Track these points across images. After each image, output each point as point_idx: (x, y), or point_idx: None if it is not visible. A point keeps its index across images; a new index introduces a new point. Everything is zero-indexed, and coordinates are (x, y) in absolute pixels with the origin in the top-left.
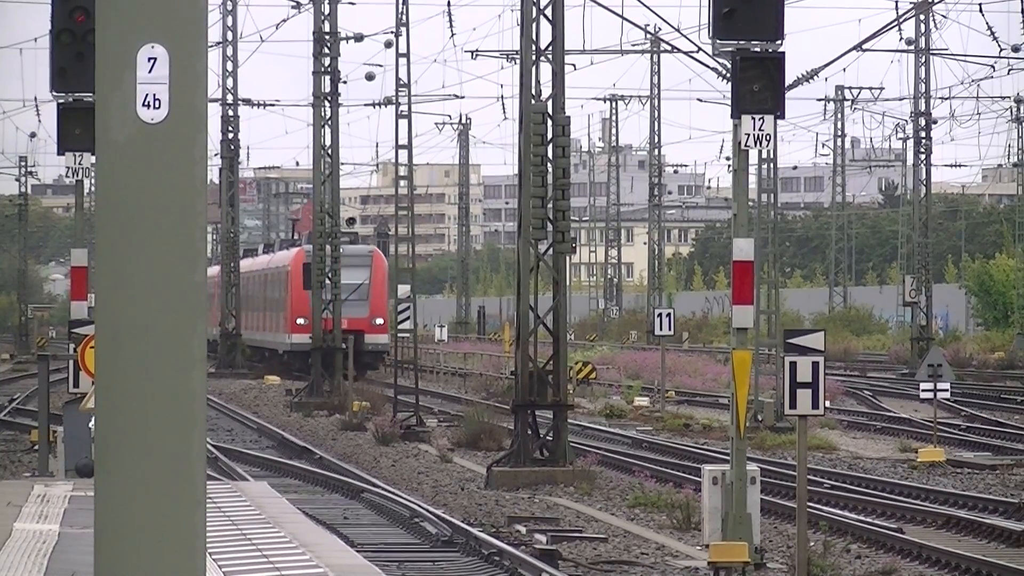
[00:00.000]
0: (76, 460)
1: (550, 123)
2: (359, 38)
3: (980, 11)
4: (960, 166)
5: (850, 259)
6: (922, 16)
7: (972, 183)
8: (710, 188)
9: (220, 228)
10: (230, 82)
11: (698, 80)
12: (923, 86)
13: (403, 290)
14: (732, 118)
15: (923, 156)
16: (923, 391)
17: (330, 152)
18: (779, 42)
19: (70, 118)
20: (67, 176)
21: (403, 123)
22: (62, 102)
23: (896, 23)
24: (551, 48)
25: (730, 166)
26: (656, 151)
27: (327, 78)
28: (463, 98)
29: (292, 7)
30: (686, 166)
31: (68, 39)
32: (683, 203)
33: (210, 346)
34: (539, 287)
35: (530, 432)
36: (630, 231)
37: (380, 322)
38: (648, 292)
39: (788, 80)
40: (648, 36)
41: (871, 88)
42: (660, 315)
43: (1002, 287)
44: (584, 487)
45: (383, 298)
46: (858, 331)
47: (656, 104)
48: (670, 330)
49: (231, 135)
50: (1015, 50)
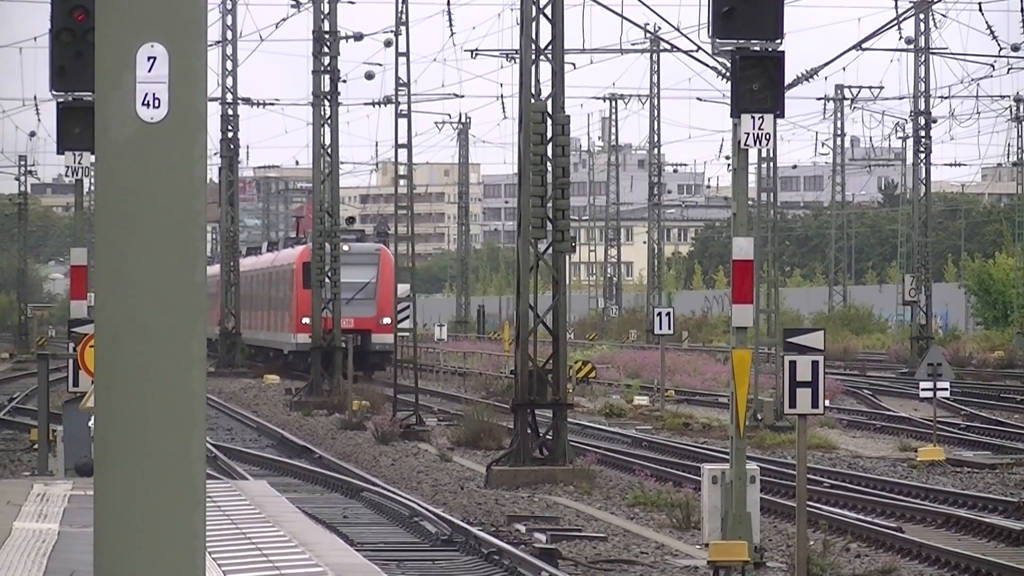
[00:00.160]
0: (76, 459)
1: (550, 122)
2: (359, 37)
3: (980, 10)
4: (960, 165)
5: (850, 258)
6: (922, 15)
7: (972, 182)
8: (710, 187)
9: (220, 227)
10: (230, 81)
11: (698, 79)
12: (923, 85)
13: (403, 289)
14: (732, 117)
15: (923, 155)
16: (923, 390)
17: (330, 151)
18: (779, 41)
19: (70, 117)
20: (67, 175)
21: (403, 122)
22: (62, 101)
23: (896, 22)
24: (551, 47)
25: (730, 165)
26: (656, 150)
27: (327, 77)
28: (463, 97)
29: (292, 6)
30: (686, 165)
31: (68, 38)
32: (683, 202)
33: (210, 345)
34: (539, 286)
35: (530, 431)
36: (630, 230)
37: (387, 321)
38: (648, 291)
39: (788, 79)
40: (648, 35)
41: (871, 87)
42: (660, 314)
43: (1002, 286)
44: (584, 486)
45: (390, 297)
46: (858, 330)
47: (656, 103)
48: (670, 329)
49: (231, 134)
50: (1015, 49)
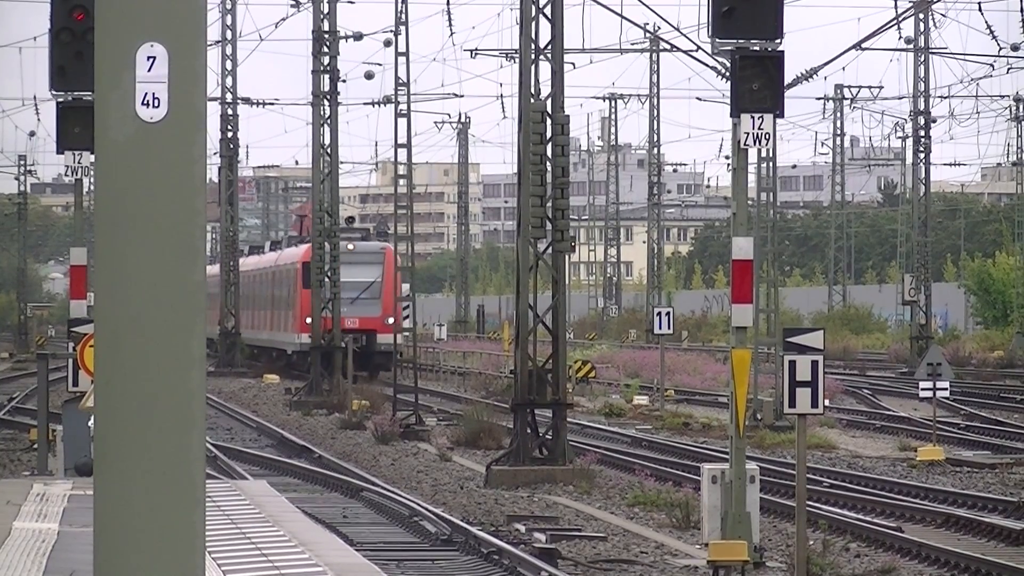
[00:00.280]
0: (75, 459)
1: (549, 122)
2: (358, 37)
3: (979, 10)
4: (959, 165)
5: (849, 258)
6: (921, 15)
7: (971, 182)
8: (709, 187)
9: (219, 227)
10: (229, 81)
11: (697, 79)
12: (922, 85)
13: (402, 289)
14: (731, 117)
15: (922, 155)
16: (922, 390)
17: (329, 151)
18: (778, 41)
19: (69, 117)
20: (66, 175)
21: (402, 122)
22: (61, 101)
23: (895, 22)
24: (550, 47)
25: (729, 165)
26: (655, 150)
27: (326, 77)
28: (462, 97)
29: (291, 6)
30: (685, 165)
31: (67, 38)
32: (682, 202)
33: (210, 345)
34: (538, 286)
35: (529, 431)
36: (629, 230)
37: (392, 321)
38: (647, 291)
39: (787, 79)
40: (647, 35)
41: (870, 87)
42: (659, 314)
43: (1001, 286)
44: (583, 486)
45: (395, 297)
46: (857, 330)
47: (655, 103)
48: (669, 329)
49: (230, 134)
50: (1014, 49)
